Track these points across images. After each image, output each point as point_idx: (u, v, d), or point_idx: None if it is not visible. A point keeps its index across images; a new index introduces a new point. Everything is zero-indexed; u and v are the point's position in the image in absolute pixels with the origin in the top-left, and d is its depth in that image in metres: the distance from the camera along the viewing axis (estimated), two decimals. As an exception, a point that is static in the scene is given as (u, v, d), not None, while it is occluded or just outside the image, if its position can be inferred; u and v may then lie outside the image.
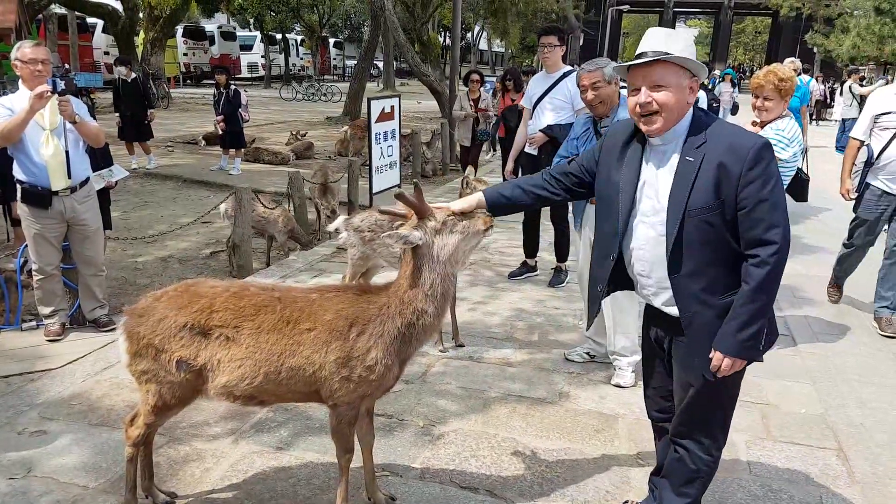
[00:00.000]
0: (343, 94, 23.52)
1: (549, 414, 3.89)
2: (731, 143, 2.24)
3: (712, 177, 2.23)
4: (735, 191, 2.21)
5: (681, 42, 2.28)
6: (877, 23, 24.63)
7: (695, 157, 2.26)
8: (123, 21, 21.22)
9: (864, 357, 4.87)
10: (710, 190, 2.23)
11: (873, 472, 3.47)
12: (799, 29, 42.42)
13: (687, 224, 2.27)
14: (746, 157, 2.20)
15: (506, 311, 5.53)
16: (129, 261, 7.16)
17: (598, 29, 44.04)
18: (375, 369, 2.56)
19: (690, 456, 2.58)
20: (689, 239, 2.28)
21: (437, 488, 3.18)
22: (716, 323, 2.33)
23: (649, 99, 2.28)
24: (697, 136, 2.29)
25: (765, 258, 2.21)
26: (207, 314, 2.60)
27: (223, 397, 2.67)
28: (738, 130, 2.33)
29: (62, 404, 3.84)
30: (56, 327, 4.77)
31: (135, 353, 2.66)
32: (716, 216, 2.24)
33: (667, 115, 2.29)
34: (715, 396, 2.49)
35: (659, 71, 2.28)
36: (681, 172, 2.29)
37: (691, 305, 2.36)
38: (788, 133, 4.30)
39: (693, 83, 2.30)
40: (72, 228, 4.69)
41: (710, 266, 2.30)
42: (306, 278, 6.21)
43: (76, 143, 4.59)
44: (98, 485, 3.11)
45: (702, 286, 2.32)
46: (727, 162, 2.21)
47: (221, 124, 11.40)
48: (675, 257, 2.32)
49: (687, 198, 2.26)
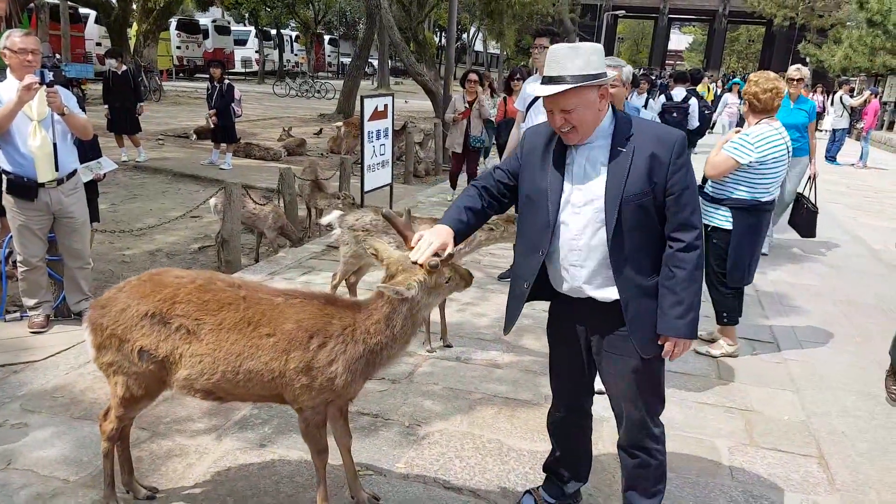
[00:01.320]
0: (337, 91, 23.47)
1: (535, 416, 3.90)
2: (658, 135, 2.43)
3: (644, 165, 2.39)
4: (665, 177, 2.39)
5: (579, 60, 2.32)
6: (869, 34, 24.81)
7: (626, 148, 2.41)
8: (116, 12, 21.05)
9: (847, 366, 4.91)
10: (644, 177, 2.39)
11: (853, 480, 3.49)
12: (792, 39, 42.73)
13: (623, 210, 2.39)
14: (673, 147, 2.40)
15: (494, 312, 5.53)
16: (117, 254, 7.12)
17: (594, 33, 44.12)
18: (336, 382, 2.55)
19: (651, 454, 2.69)
20: (627, 224, 2.41)
21: (421, 488, 3.18)
22: (645, 303, 2.48)
23: (562, 122, 2.40)
24: (624, 130, 2.44)
25: (691, 242, 2.41)
26: (170, 304, 2.57)
27: (184, 390, 2.64)
28: (657, 125, 2.57)
29: (45, 397, 3.81)
30: (40, 319, 4.74)
31: (99, 345, 2.63)
32: (649, 201, 2.40)
33: (583, 128, 2.41)
34: (652, 377, 2.61)
35: (564, 98, 2.35)
36: (615, 162, 2.42)
37: (628, 287, 2.47)
38: (752, 138, 4.34)
39: (603, 90, 2.40)
40: (58, 221, 4.65)
41: (641, 249, 2.45)
42: (295, 275, 6.19)
43: (64, 135, 4.55)
44: (78, 478, 3.09)
45: (636, 269, 2.45)
46: (657, 151, 2.39)
47: (213, 118, 11.36)
48: (616, 242, 2.42)
49: (623, 185, 2.39)
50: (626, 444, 2.73)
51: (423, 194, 10.66)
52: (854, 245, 8.83)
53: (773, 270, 7.17)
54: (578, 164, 2.49)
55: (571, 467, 2.98)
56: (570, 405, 2.89)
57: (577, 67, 2.31)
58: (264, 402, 3.07)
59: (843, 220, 10.38)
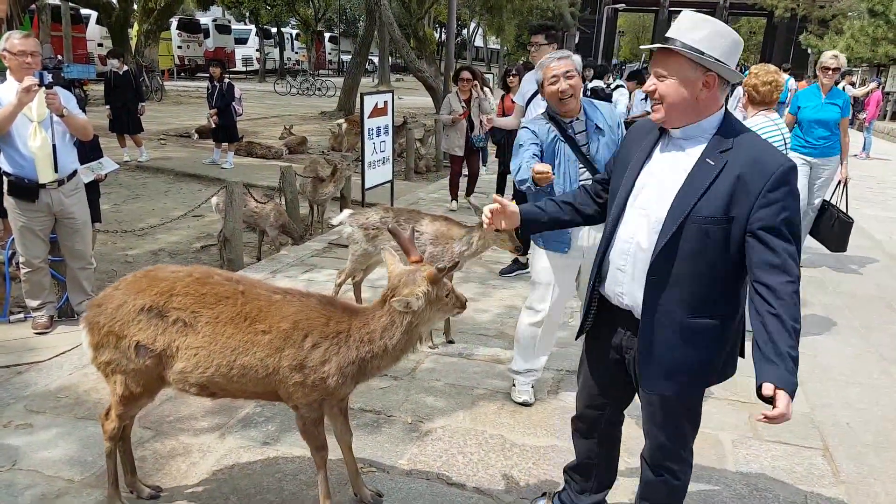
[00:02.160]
0: (338, 88, 23.46)
1: (537, 411, 3.90)
2: (757, 158, 2.06)
3: (728, 187, 2.06)
4: (749, 210, 2.04)
5: (700, 33, 2.10)
6: (870, 25, 24.72)
7: (716, 162, 2.10)
8: (117, 13, 21.07)
9: (851, 357, 4.90)
10: (722, 201, 2.06)
11: (858, 472, 3.49)
12: (793, 30, 42.53)
13: (685, 229, 2.10)
14: (770, 177, 2.02)
15: (496, 308, 5.54)
16: (120, 254, 7.13)
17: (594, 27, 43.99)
18: (328, 381, 2.56)
19: (675, 475, 2.48)
20: (683, 246, 2.12)
21: (424, 485, 3.18)
22: (674, 340, 2.21)
23: (652, 86, 2.18)
24: (724, 141, 2.12)
25: (785, 289, 2.00)
26: (167, 297, 2.57)
27: (179, 385, 2.63)
28: (767, 146, 2.14)
29: (49, 397, 3.82)
30: (44, 320, 4.75)
31: (97, 344, 2.62)
32: (719, 230, 2.08)
33: (667, 106, 2.15)
34: (685, 406, 2.39)
35: (663, 59, 2.15)
36: (696, 174, 2.12)
37: (660, 314, 2.21)
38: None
39: (709, 78, 2.11)
40: (59, 222, 4.66)
41: (692, 279, 2.15)
42: (296, 273, 6.19)
43: (64, 136, 4.56)
44: (83, 478, 3.10)
45: (676, 297, 2.17)
46: (747, 176, 2.04)
47: (215, 118, 11.36)
48: (660, 259, 2.16)
49: (695, 202, 2.09)
50: (648, 459, 2.54)
51: (424, 191, 10.65)
52: (857, 236, 8.77)
53: (776, 263, 7.15)
54: (660, 162, 2.26)
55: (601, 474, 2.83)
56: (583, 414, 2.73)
57: (694, 39, 2.09)
58: (262, 400, 3.07)
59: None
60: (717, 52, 2.10)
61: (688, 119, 2.17)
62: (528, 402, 3.95)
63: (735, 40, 2.13)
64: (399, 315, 2.55)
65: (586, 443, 2.77)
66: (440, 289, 2.57)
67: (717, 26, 2.13)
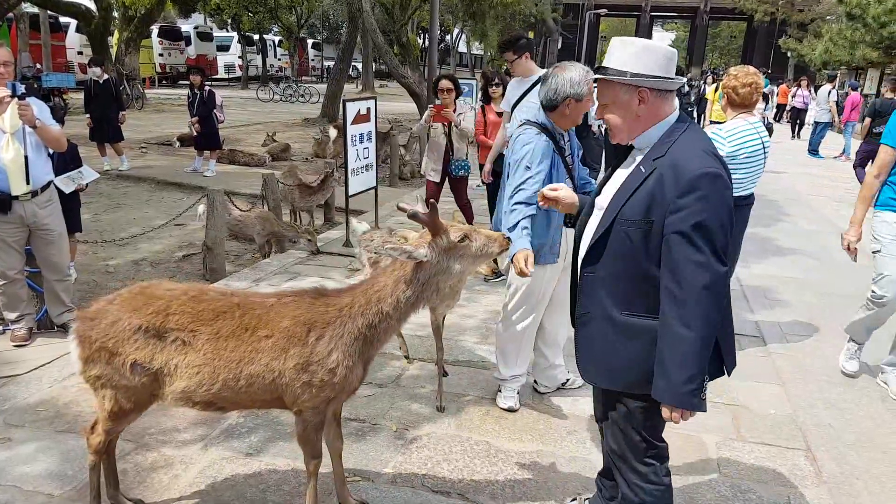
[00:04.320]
0: (321, 95, 23.40)
1: (522, 417, 3.90)
2: (676, 164, 2.13)
3: (648, 193, 2.16)
4: (663, 215, 2.12)
5: (625, 53, 2.21)
6: (848, 28, 25.06)
7: (646, 169, 2.20)
8: (97, 21, 20.89)
9: (833, 358, 4.94)
10: (643, 206, 2.17)
11: (840, 472, 3.52)
12: (773, 34, 43.09)
13: (613, 230, 2.24)
14: (681, 182, 2.09)
15: (482, 313, 5.53)
16: (101, 264, 7.06)
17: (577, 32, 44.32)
18: (337, 372, 2.55)
19: (631, 488, 2.44)
20: (610, 245, 2.26)
21: (409, 492, 3.17)
22: (610, 336, 2.29)
23: (600, 118, 2.32)
24: (660, 148, 2.22)
25: (679, 296, 2.08)
26: (163, 316, 2.55)
27: (181, 402, 2.62)
28: (693, 152, 2.15)
29: (28, 411, 3.77)
30: (23, 332, 4.69)
31: (87, 358, 2.59)
32: (638, 233, 2.18)
33: (615, 129, 2.30)
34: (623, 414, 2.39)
35: (602, 89, 2.29)
36: (628, 180, 2.26)
37: (589, 306, 2.35)
38: (724, 132, 4.35)
39: (640, 94, 2.21)
40: (34, 233, 4.60)
41: (619, 278, 2.26)
42: (280, 281, 6.16)
43: (37, 148, 4.50)
44: (64, 493, 3.05)
45: (607, 293, 2.29)
46: (665, 182, 2.13)
47: (196, 126, 11.30)
48: (591, 256, 2.32)
49: (621, 206, 2.22)
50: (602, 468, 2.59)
51: (410, 197, 10.62)
52: (837, 237, 8.87)
53: (757, 264, 7.21)
54: (622, 168, 2.38)
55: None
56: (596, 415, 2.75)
57: (620, 61, 2.20)
58: (264, 408, 3.05)
59: (827, 212, 10.47)
60: (644, 68, 2.19)
61: (636, 133, 2.30)
62: (514, 408, 3.94)
63: (665, 53, 2.21)
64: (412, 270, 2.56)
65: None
66: (449, 237, 2.57)
67: (643, 43, 2.23)
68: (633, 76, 2.19)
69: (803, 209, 10.56)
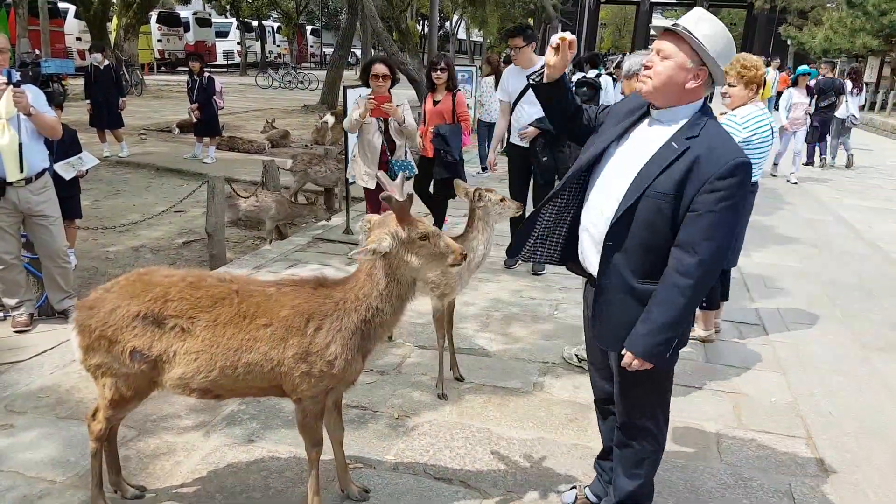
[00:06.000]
0: (320, 81, 23.29)
1: (524, 404, 3.90)
2: (715, 147, 2.26)
3: (684, 169, 2.25)
4: (695, 192, 2.24)
5: (708, 28, 2.27)
6: (849, 16, 24.98)
7: (679, 146, 2.28)
8: (96, 6, 20.75)
9: (833, 346, 4.95)
10: (677, 180, 2.26)
11: (841, 460, 3.53)
12: (773, 21, 42.82)
13: (641, 202, 2.30)
14: (721, 167, 2.21)
15: (483, 301, 5.53)
16: (101, 250, 7.04)
17: (576, 20, 44.06)
18: (335, 364, 2.54)
19: (636, 438, 2.60)
20: (637, 216, 2.32)
21: (411, 479, 3.17)
22: (630, 304, 2.38)
23: (650, 62, 2.34)
24: (692, 129, 2.31)
25: (688, 268, 2.23)
26: (162, 303, 2.54)
27: (178, 389, 2.62)
28: (727, 138, 2.34)
29: (30, 397, 3.77)
30: (23, 318, 4.68)
31: (87, 346, 2.58)
32: (668, 206, 2.28)
33: (657, 82, 2.32)
34: (640, 379, 2.47)
35: (669, 41, 2.32)
36: (660, 154, 2.31)
37: (612, 277, 2.41)
38: (739, 118, 4.33)
39: (699, 71, 2.29)
40: (29, 220, 4.59)
41: (643, 248, 2.34)
42: (280, 268, 6.15)
43: (33, 134, 4.48)
44: (66, 479, 3.06)
45: (629, 263, 2.37)
46: (703, 162, 2.24)
47: (196, 112, 11.24)
48: (617, 227, 2.36)
49: (654, 178, 2.28)
50: (618, 420, 2.66)
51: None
52: (837, 225, 8.91)
53: (757, 252, 7.21)
54: (634, 140, 2.44)
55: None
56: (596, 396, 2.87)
57: (702, 32, 2.26)
58: (262, 396, 3.05)
59: (827, 200, 10.47)
60: (714, 52, 2.27)
61: (669, 101, 2.36)
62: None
63: (731, 43, 2.31)
64: (377, 261, 2.54)
65: (605, 425, 2.89)
66: (411, 230, 2.53)
67: (721, 27, 2.30)
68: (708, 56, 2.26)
69: (803, 197, 10.55)
